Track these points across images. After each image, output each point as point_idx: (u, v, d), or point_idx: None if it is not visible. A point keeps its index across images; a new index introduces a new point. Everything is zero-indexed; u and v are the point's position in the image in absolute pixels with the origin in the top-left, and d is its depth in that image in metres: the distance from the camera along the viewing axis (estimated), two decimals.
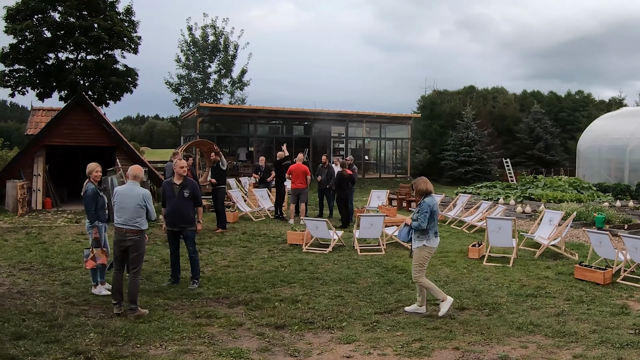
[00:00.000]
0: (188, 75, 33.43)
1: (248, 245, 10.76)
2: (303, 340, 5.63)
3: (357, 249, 10.17)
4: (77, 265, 8.80)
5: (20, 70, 27.20)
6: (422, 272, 6.52)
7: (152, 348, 5.30)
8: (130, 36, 28.30)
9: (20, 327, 5.68)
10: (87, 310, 6.43)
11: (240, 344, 5.48)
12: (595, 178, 22.79)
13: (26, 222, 12.92)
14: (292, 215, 13.47)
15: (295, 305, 6.79)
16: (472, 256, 9.60)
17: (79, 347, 5.20)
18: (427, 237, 6.51)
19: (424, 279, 6.55)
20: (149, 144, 76.39)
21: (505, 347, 5.44)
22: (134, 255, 6.43)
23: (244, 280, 8.01)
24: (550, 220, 10.61)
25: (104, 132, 15.78)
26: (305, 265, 9.03)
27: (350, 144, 30.02)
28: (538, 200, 17.69)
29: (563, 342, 5.55)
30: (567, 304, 6.93)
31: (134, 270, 6.44)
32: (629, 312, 6.56)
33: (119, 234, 6.43)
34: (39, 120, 18.47)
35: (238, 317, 6.32)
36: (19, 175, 14.89)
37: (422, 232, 6.49)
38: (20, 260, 9.02)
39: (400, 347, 5.40)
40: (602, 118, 26.46)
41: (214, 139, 23.76)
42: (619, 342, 5.48)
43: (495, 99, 40.62)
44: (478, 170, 30.05)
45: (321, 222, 10.48)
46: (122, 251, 6.47)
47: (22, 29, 25.16)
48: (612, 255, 8.42)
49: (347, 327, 6.04)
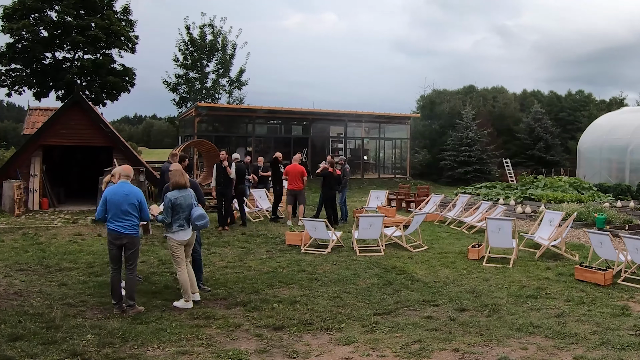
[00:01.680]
0: (186, 75, 33.33)
1: (246, 246, 10.72)
2: (302, 341, 5.60)
3: (356, 249, 10.13)
4: (74, 266, 8.75)
5: (17, 70, 27.15)
6: (177, 264, 6.74)
7: (149, 349, 5.27)
8: (128, 35, 28.26)
9: (17, 329, 5.64)
10: (84, 312, 6.39)
11: (239, 345, 5.45)
12: (596, 178, 22.74)
13: (23, 222, 12.86)
14: (290, 216, 13.37)
15: (294, 306, 6.76)
16: (472, 257, 9.57)
17: (76, 348, 5.17)
18: (171, 230, 6.68)
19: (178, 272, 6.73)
20: (146, 144, 76.40)
21: (505, 348, 5.41)
22: (130, 253, 6.46)
23: (242, 281, 7.97)
24: (550, 220, 10.58)
25: (101, 132, 15.73)
26: (303, 266, 8.99)
27: (349, 143, 30.00)
28: (538, 201, 17.66)
29: (563, 344, 5.52)
30: (568, 305, 6.90)
31: (131, 267, 6.48)
32: (630, 314, 6.53)
33: (113, 235, 6.40)
34: (35, 120, 18.40)
35: (236, 318, 6.29)
36: (15, 175, 14.84)
37: (168, 225, 6.69)
38: (17, 261, 8.97)
39: (400, 348, 5.37)
40: (603, 118, 26.38)
41: (212, 138, 23.73)
42: (619, 344, 5.45)
43: (495, 99, 40.64)
44: (478, 170, 30.03)
45: (320, 222, 10.43)
46: (118, 249, 6.45)
47: (19, 28, 25.12)
48: (613, 256, 8.39)
49: (346, 328, 6.01)
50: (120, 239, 6.38)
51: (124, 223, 6.37)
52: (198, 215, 6.64)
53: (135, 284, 6.53)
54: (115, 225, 6.37)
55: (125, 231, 6.38)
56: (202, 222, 6.66)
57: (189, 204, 6.70)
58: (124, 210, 6.36)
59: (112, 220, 6.37)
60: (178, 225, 6.64)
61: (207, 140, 21.31)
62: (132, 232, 6.43)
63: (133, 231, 6.44)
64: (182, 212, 6.64)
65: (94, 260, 9.14)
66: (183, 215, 6.65)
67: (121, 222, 6.37)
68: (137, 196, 6.47)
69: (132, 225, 6.43)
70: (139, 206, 6.47)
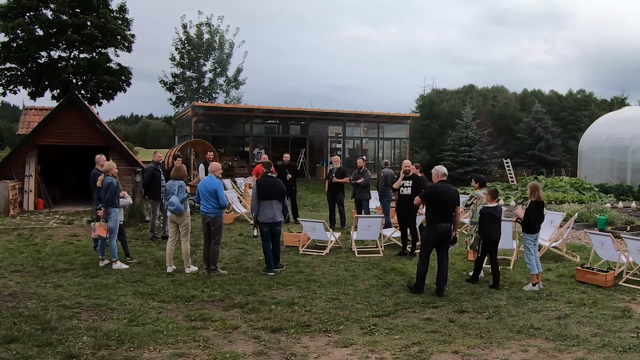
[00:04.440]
0: (183, 74, 33.23)
1: (244, 247, 10.64)
2: (299, 343, 5.56)
3: (354, 250, 10.07)
4: (69, 267, 8.67)
5: (12, 69, 27.00)
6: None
7: (146, 352, 5.22)
8: (124, 34, 28.12)
9: (11, 331, 5.57)
10: (79, 313, 6.32)
11: (236, 347, 5.40)
12: (597, 179, 22.61)
13: (18, 223, 12.76)
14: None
15: (292, 308, 6.71)
16: (472, 258, 9.47)
17: (71, 350, 5.12)
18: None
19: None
20: (142, 144, 76.07)
21: (505, 350, 5.37)
22: (214, 229, 8.38)
23: (240, 282, 7.91)
24: (551, 221, 10.53)
25: (97, 131, 15.60)
26: (302, 267, 8.93)
27: (347, 143, 29.92)
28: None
29: (564, 346, 5.48)
30: (569, 306, 6.87)
31: (215, 240, 8.41)
32: (631, 315, 6.50)
33: (202, 215, 8.44)
34: (30, 119, 18.25)
35: (233, 320, 6.24)
36: (10, 175, 14.70)
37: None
38: (11, 262, 8.88)
39: (399, 350, 5.33)
40: (604, 118, 26.15)
41: (209, 138, 23.64)
42: (621, 346, 5.42)
43: (495, 98, 40.50)
44: (478, 170, 29.65)
45: (318, 223, 10.36)
46: (207, 226, 8.41)
47: (14, 26, 24.97)
48: (614, 257, 8.35)
49: (344, 330, 5.97)
50: (206, 218, 8.37)
51: (207, 206, 8.31)
52: (170, 201, 8.39)
53: (217, 253, 8.51)
54: (202, 208, 8.39)
55: (208, 212, 8.31)
56: (171, 208, 8.39)
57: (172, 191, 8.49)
58: (206, 197, 8.27)
59: (202, 204, 8.38)
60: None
61: (204, 140, 21.24)
62: (213, 213, 8.32)
63: (213, 212, 8.32)
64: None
65: (89, 261, 9.06)
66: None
67: (205, 206, 8.33)
68: (214, 186, 8.27)
69: (214, 208, 8.30)
70: (215, 194, 8.23)
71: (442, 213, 7.44)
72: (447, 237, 7.49)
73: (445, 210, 7.47)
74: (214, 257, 8.38)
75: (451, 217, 7.52)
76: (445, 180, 7.69)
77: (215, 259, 8.40)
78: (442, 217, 7.43)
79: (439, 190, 7.57)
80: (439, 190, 7.56)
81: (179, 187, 8.51)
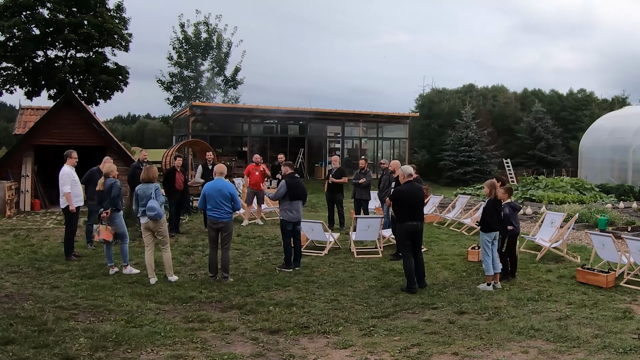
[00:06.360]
0: (180, 74, 33.12)
1: (242, 247, 10.59)
2: (298, 345, 5.53)
3: (353, 251, 10.03)
4: (66, 268, 8.61)
5: (8, 68, 26.90)
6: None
7: (143, 353, 5.18)
8: (121, 33, 28.02)
9: (8, 332, 5.54)
10: (76, 315, 6.27)
11: (234, 349, 5.37)
12: (598, 179, 22.51)
13: (14, 224, 12.71)
14: (247, 216, 13.12)
15: (290, 309, 6.67)
16: (472, 259, 9.47)
17: (68, 352, 5.09)
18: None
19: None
20: (140, 144, 75.77)
21: (505, 352, 5.34)
22: (225, 235, 7.91)
23: (238, 283, 7.87)
24: (551, 222, 10.50)
25: (94, 131, 15.56)
26: (300, 268, 8.87)
27: (346, 143, 29.87)
28: (539, 202, 17.56)
29: (565, 347, 5.45)
30: (569, 307, 6.83)
31: (226, 246, 7.95)
32: (633, 317, 6.46)
33: (212, 221, 7.89)
34: (27, 119, 18.21)
35: (231, 321, 6.20)
36: (7, 176, 14.66)
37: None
38: (8, 263, 8.82)
39: (398, 352, 5.29)
40: (605, 117, 26.10)
41: (206, 138, 23.55)
42: (622, 347, 5.38)
43: (495, 98, 40.43)
44: (478, 170, 29.76)
45: (317, 224, 10.31)
46: (215, 232, 7.93)
47: (10, 26, 24.84)
48: (615, 257, 8.31)
49: (343, 331, 5.93)
50: (217, 224, 7.84)
51: (220, 211, 7.77)
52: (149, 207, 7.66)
53: (229, 260, 8.03)
54: (213, 213, 7.81)
55: (221, 218, 7.80)
56: (151, 214, 7.66)
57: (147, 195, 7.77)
58: (219, 202, 7.74)
59: (211, 209, 7.79)
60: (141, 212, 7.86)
61: (202, 140, 21.16)
62: (226, 219, 7.84)
63: (227, 217, 7.83)
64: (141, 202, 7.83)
65: (86, 262, 9.01)
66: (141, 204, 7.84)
67: (217, 211, 7.78)
68: (229, 190, 7.79)
69: (227, 213, 7.83)
70: (230, 197, 7.77)
71: (410, 213, 7.82)
72: (418, 234, 7.93)
73: (412, 210, 7.85)
74: (225, 264, 7.94)
75: (420, 215, 7.98)
76: (410, 181, 8.02)
77: (227, 266, 7.98)
78: (410, 216, 7.81)
79: (404, 193, 7.96)
80: (404, 194, 7.95)
81: (155, 191, 7.85)
